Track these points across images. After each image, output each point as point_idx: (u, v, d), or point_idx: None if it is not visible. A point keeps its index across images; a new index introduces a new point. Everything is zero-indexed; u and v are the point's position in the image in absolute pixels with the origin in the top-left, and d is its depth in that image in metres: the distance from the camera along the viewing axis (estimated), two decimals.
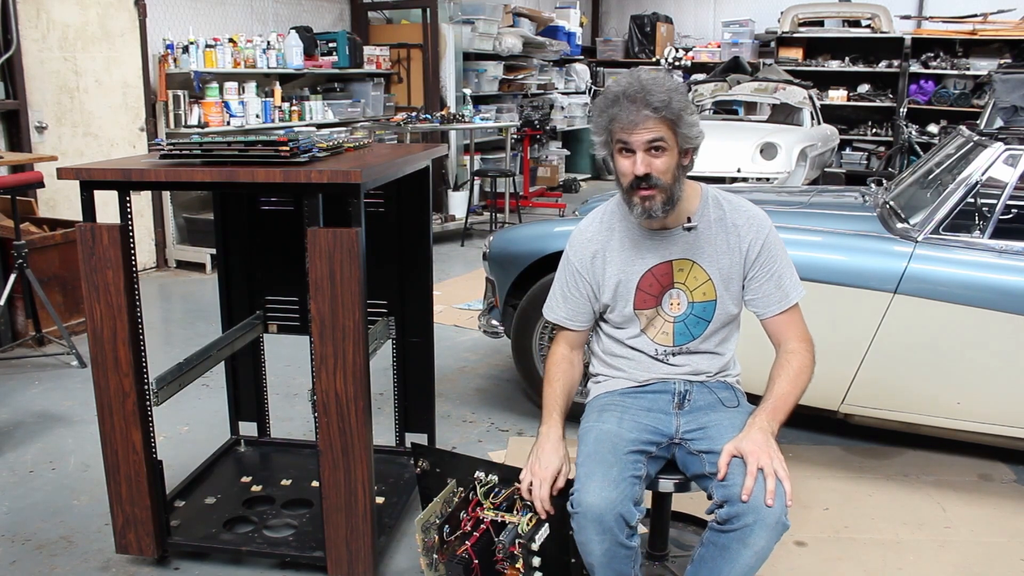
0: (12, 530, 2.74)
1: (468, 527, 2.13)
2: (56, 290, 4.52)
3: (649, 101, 1.83)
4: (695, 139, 1.92)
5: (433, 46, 7.75)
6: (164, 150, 2.30)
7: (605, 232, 2.09)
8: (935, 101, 9.69)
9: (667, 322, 2.06)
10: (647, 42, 11.64)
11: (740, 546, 1.77)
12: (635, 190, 1.91)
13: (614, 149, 1.93)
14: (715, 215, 2.04)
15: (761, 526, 1.75)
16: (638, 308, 2.06)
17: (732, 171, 6.49)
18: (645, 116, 1.84)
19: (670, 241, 2.03)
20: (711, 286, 2.04)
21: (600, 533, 1.81)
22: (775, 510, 1.76)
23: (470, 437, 3.47)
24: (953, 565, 2.60)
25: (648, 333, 2.08)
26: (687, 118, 1.88)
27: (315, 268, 2.17)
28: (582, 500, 1.82)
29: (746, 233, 2.03)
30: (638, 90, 1.84)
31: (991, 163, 3.01)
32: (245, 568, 2.53)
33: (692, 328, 2.06)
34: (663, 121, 1.85)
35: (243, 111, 6.28)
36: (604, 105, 1.90)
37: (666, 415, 2.04)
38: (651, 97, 1.83)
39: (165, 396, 2.44)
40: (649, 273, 2.04)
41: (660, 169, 1.88)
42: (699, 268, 2.03)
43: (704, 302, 2.04)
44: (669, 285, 2.04)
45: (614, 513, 1.80)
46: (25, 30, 5.18)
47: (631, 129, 1.85)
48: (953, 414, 3.03)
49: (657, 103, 1.83)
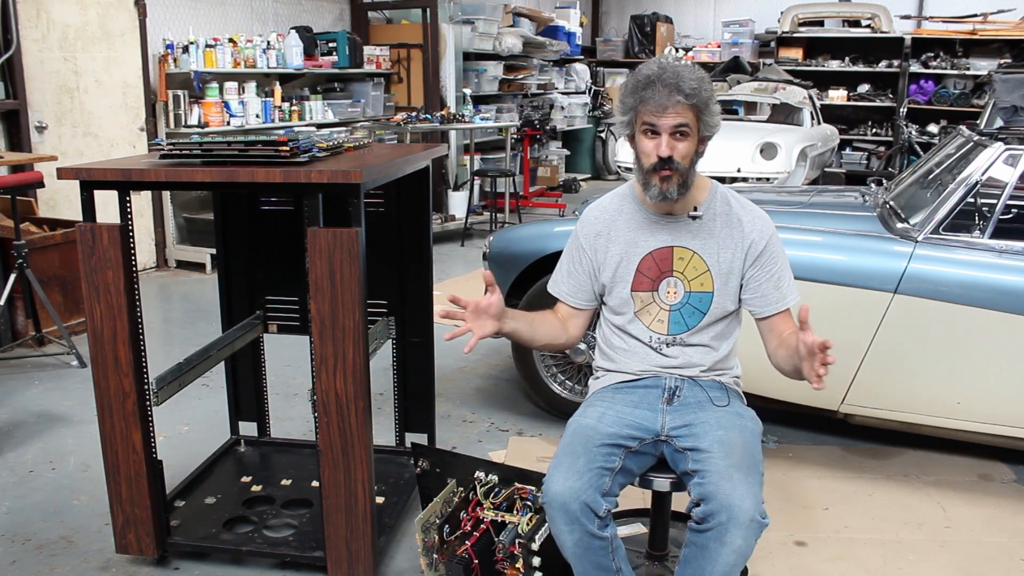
0: (12, 530, 2.74)
1: (468, 527, 2.13)
2: (56, 290, 4.52)
3: (681, 88, 1.90)
4: (714, 128, 2.00)
5: (433, 46, 7.75)
6: (164, 150, 2.30)
7: (613, 213, 2.15)
8: (935, 101, 9.69)
9: (663, 310, 2.09)
10: (647, 42, 11.64)
11: (718, 545, 1.78)
12: (656, 171, 1.97)
13: (638, 130, 1.98)
14: (721, 209, 2.09)
15: (735, 524, 1.76)
16: (635, 289, 2.10)
17: (732, 171, 6.49)
18: (676, 101, 1.91)
19: (675, 227, 2.08)
20: (709, 278, 2.07)
21: (568, 523, 1.84)
22: (748, 508, 1.76)
23: (470, 437, 3.47)
24: (953, 565, 2.60)
25: (643, 319, 2.10)
26: (712, 107, 1.97)
27: (315, 268, 2.17)
28: (548, 490, 1.87)
29: (750, 231, 2.07)
30: (672, 76, 1.91)
31: (991, 163, 3.01)
32: (245, 568, 2.53)
33: (687, 318, 2.09)
34: (691, 108, 1.93)
35: (243, 111, 6.28)
36: (635, 87, 1.96)
37: (652, 411, 2.05)
38: (684, 84, 1.90)
39: (165, 396, 2.44)
40: (650, 256, 2.09)
41: (682, 153, 1.95)
42: (699, 259, 2.07)
43: (701, 292, 2.07)
44: (668, 271, 2.08)
45: (579, 502, 1.83)
46: (25, 30, 5.18)
47: (660, 112, 1.92)
48: (953, 414, 3.03)
49: (689, 90, 1.90)
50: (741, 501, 1.76)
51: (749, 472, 1.84)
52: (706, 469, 1.85)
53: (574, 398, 3.51)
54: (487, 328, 1.99)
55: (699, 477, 1.85)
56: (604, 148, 11.04)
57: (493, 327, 2.00)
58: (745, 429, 2.00)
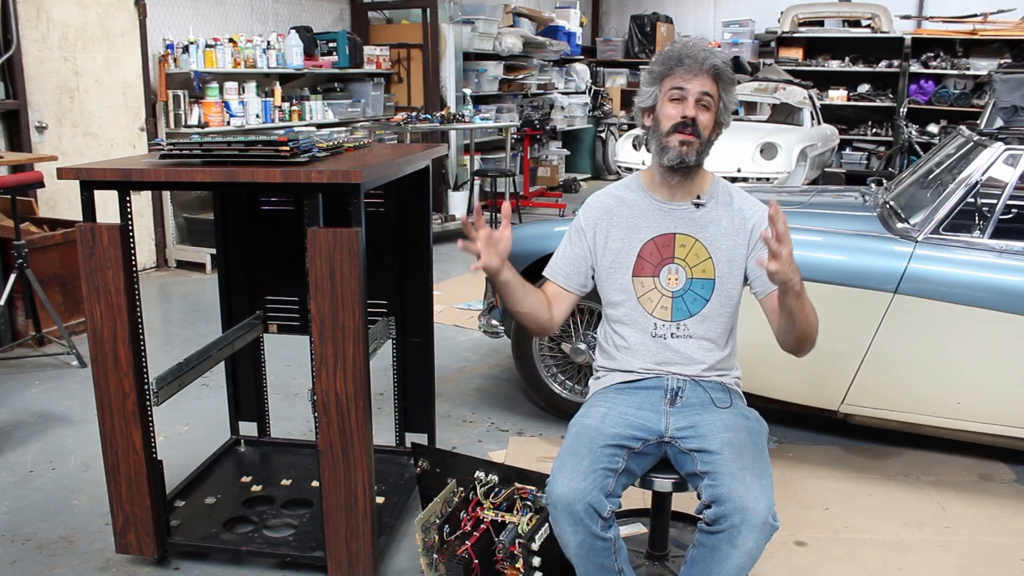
0: (12, 530, 2.74)
1: (468, 527, 2.13)
2: (56, 290, 4.52)
3: (712, 62, 2.02)
4: (729, 114, 2.09)
5: (433, 46, 7.75)
6: (164, 150, 2.29)
7: (617, 199, 2.18)
8: (935, 101, 9.69)
9: (665, 296, 2.10)
10: (647, 42, 11.64)
11: (729, 547, 1.78)
12: (676, 132, 2.02)
13: (664, 97, 2.04)
14: (723, 199, 2.13)
15: (748, 527, 1.76)
16: (636, 275, 2.11)
17: (732, 171, 6.49)
18: (706, 70, 2.01)
19: (677, 215, 2.11)
20: (711, 265, 2.09)
21: (572, 524, 1.84)
22: (761, 510, 1.76)
23: (470, 437, 3.47)
24: (953, 565, 2.60)
25: (645, 306, 2.11)
26: (732, 90, 2.09)
27: (315, 268, 2.17)
28: (552, 491, 1.87)
29: (751, 215, 2.11)
30: (702, 50, 2.02)
31: (991, 163, 3.01)
32: (245, 568, 2.53)
33: (690, 304, 2.10)
34: (717, 82, 2.03)
35: (243, 111, 6.28)
36: (665, 59, 2.05)
37: (656, 413, 2.05)
38: (713, 59, 2.02)
39: (165, 396, 2.44)
40: (652, 242, 2.11)
41: (703, 122, 2.03)
42: (701, 246, 2.09)
43: (703, 279, 2.09)
44: (670, 258, 2.10)
45: (583, 503, 1.83)
46: (25, 30, 5.18)
47: (690, 78, 2.01)
48: (953, 414, 3.03)
49: (718, 64, 2.03)
50: (755, 503, 1.76)
51: (761, 474, 1.84)
52: (717, 471, 1.85)
53: (574, 398, 3.51)
54: (492, 260, 2.00)
55: (710, 479, 1.85)
56: (604, 148, 11.03)
57: (497, 263, 2.01)
58: (752, 431, 2.00)
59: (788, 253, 1.80)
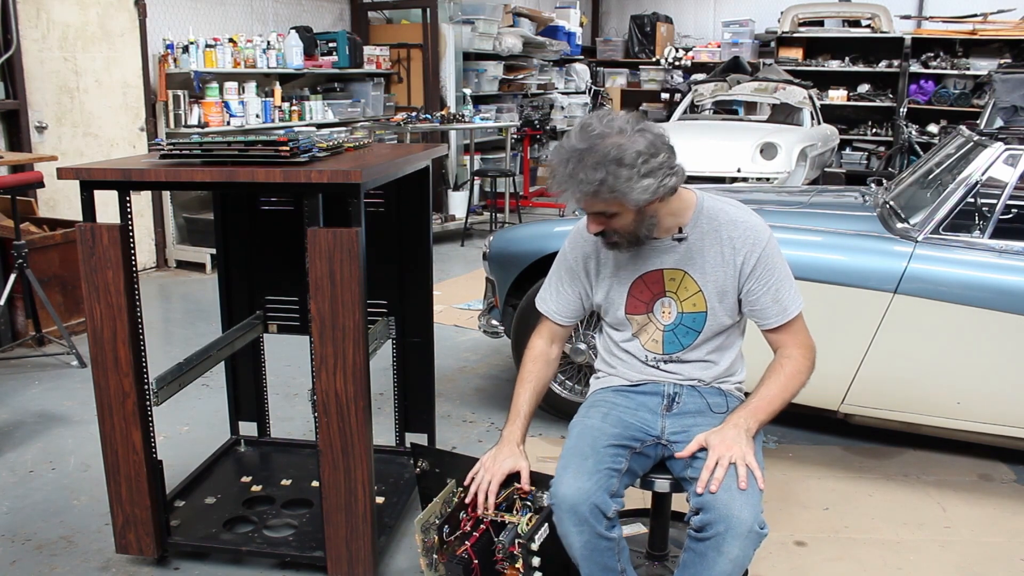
0: (12, 530, 2.74)
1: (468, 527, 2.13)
2: (56, 290, 4.52)
3: (582, 188, 1.79)
4: (653, 195, 1.82)
5: (433, 46, 7.75)
6: (164, 150, 2.29)
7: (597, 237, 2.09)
8: (935, 101, 9.68)
9: (658, 330, 2.07)
10: (647, 42, 11.63)
11: (715, 554, 1.77)
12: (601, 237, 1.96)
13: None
14: (708, 227, 2.00)
15: (733, 535, 1.75)
16: (629, 313, 2.08)
17: (732, 171, 6.48)
18: (583, 194, 1.80)
19: (662, 251, 2.03)
20: (701, 298, 2.03)
21: (577, 524, 1.84)
22: (746, 519, 1.75)
23: (470, 437, 3.47)
24: (953, 565, 2.60)
25: (640, 338, 2.10)
26: (634, 186, 1.78)
27: (315, 268, 2.17)
28: (557, 491, 1.86)
29: (741, 246, 1.98)
30: (574, 170, 1.78)
31: (991, 163, 3.01)
32: (245, 568, 2.53)
33: (681, 338, 2.07)
34: (600, 200, 1.82)
35: (243, 111, 6.28)
36: (559, 180, 1.84)
37: (653, 415, 2.05)
38: (584, 185, 1.78)
39: (165, 396, 2.44)
40: (640, 280, 2.05)
41: (615, 227, 1.91)
42: (690, 279, 2.02)
43: (694, 313, 2.04)
44: (661, 293, 2.05)
45: (588, 503, 1.82)
46: (25, 30, 5.18)
47: (580, 198, 1.83)
48: (953, 414, 3.03)
49: (589, 189, 1.78)
50: (740, 512, 1.75)
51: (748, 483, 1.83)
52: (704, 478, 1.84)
53: (574, 398, 3.51)
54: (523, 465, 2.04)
55: (697, 486, 1.84)
56: None
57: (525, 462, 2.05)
58: None
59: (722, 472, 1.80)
